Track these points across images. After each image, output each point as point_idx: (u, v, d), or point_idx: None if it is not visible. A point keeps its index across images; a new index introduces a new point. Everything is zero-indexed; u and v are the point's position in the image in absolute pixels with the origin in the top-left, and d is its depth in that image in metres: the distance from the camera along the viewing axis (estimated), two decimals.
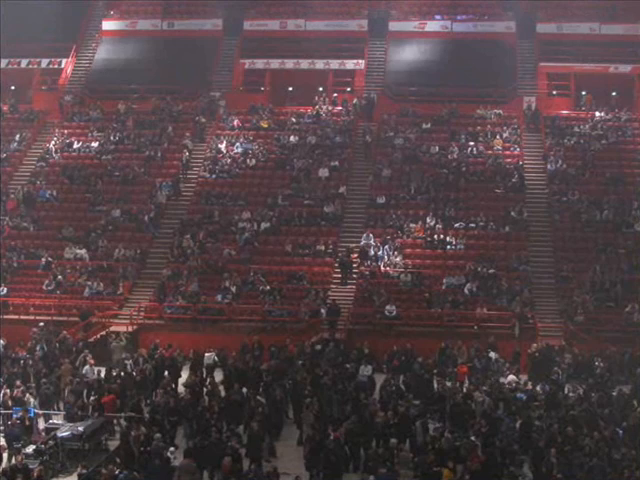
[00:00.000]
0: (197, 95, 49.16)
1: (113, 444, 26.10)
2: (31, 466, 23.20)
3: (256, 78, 50.90)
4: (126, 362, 31.58)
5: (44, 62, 51.47)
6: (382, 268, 39.02)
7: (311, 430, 25.55)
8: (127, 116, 48.00)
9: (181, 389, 29.92)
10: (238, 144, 45.95)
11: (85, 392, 29.16)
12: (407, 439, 25.71)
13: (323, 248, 40.00)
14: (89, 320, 36.43)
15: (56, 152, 46.28)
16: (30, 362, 31.62)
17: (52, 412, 28.33)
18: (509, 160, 44.54)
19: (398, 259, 39.24)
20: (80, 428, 25.58)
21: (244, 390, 28.43)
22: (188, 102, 48.90)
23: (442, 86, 48.21)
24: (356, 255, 39.72)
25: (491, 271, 38.01)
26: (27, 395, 28.00)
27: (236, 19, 52.15)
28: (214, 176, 44.53)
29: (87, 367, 30.68)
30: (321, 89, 49.35)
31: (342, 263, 39.19)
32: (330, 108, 48.24)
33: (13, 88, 50.39)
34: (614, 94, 48.33)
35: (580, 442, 24.48)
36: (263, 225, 41.24)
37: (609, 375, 31.42)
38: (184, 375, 31.28)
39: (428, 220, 40.94)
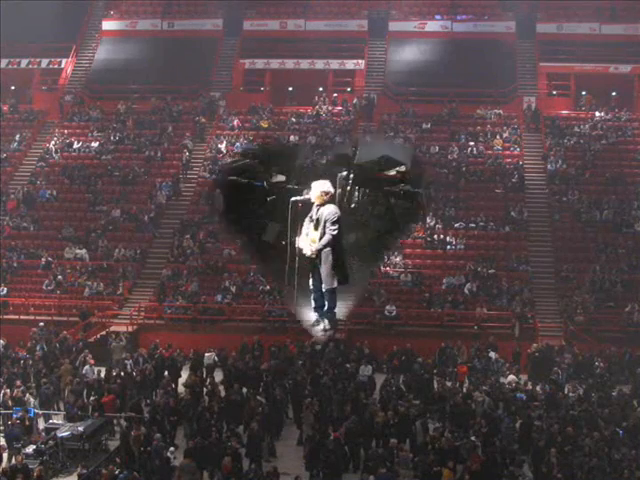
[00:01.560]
0: (197, 95, 49.10)
1: (113, 444, 26.10)
2: (31, 466, 23.20)
3: (256, 78, 50.87)
4: (126, 362, 31.57)
5: (44, 62, 51.41)
6: (382, 268, 38.99)
7: (311, 430, 25.54)
8: (127, 116, 47.96)
9: (181, 389, 29.90)
10: (238, 144, 45.89)
11: (85, 392, 29.19)
12: (407, 439, 25.69)
13: None
14: (89, 320, 36.46)
15: (56, 152, 46.25)
16: (30, 362, 31.61)
17: (52, 412, 28.33)
18: (509, 160, 44.53)
19: (398, 259, 39.24)
20: (80, 428, 25.57)
21: (244, 390, 28.45)
22: (188, 102, 48.84)
23: (442, 86, 48.17)
24: None
25: (491, 271, 38.04)
26: (27, 395, 27.97)
27: (236, 19, 52.07)
28: (214, 176, 44.50)
29: (87, 367, 30.67)
30: (321, 89, 49.30)
31: None
32: (330, 108, 48.20)
33: (13, 88, 50.37)
34: (614, 94, 48.28)
35: (580, 442, 24.49)
36: None
37: (609, 375, 31.44)
38: (184, 375, 31.24)
39: (428, 220, 40.89)
